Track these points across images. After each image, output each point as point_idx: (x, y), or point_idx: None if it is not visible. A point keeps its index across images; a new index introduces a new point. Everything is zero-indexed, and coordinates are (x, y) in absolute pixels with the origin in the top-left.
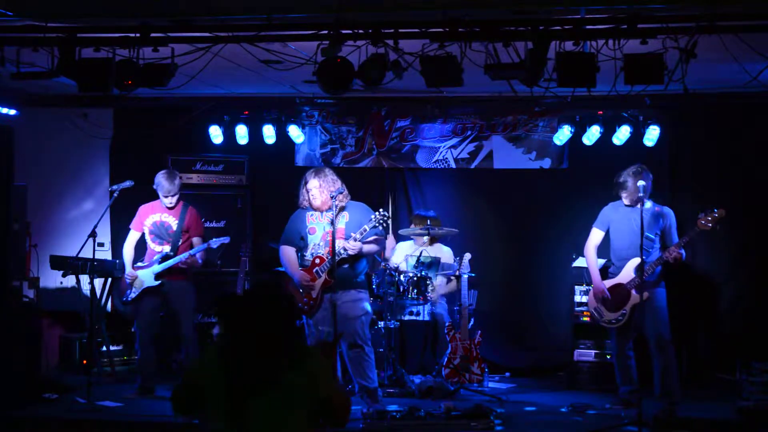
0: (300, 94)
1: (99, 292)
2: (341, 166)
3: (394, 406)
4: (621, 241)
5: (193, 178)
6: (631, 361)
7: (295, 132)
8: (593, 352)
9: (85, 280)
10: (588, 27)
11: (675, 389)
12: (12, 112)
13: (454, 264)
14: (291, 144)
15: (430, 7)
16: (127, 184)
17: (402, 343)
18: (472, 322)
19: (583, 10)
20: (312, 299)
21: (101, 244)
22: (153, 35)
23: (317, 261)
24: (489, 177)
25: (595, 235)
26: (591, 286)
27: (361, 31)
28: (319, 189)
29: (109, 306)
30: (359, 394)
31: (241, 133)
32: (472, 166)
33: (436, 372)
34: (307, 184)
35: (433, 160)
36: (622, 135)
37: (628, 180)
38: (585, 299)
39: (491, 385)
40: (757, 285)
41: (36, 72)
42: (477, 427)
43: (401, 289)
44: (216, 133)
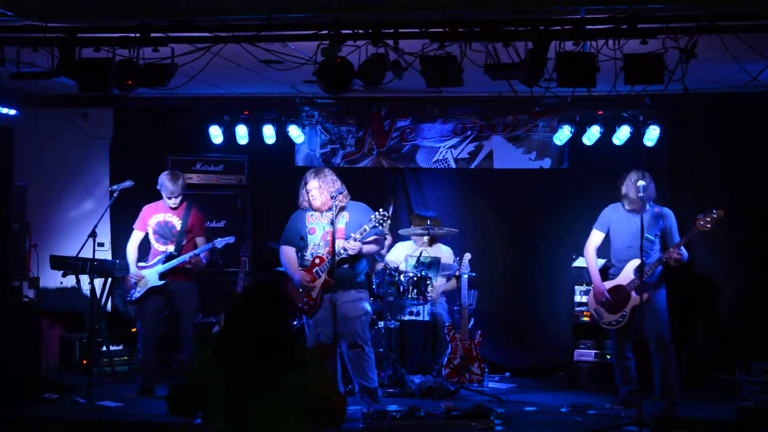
0: (300, 94)
1: (99, 292)
2: (341, 166)
3: (394, 406)
4: (621, 242)
5: (193, 178)
6: (630, 362)
7: (295, 132)
8: (593, 352)
9: (85, 280)
10: (588, 27)
11: (675, 389)
12: (12, 112)
13: (453, 264)
14: (291, 144)
15: (430, 7)
16: (127, 184)
17: (402, 343)
18: (472, 322)
19: (583, 10)
20: (312, 299)
21: (101, 244)
22: (153, 35)
23: (317, 261)
24: (489, 177)
25: (595, 237)
26: (591, 287)
27: (361, 31)
28: (318, 189)
29: (109, 306)
30: (359, 394)
31: (241, 133)
32: (472, 166)
33: (436, 372)
34: (306, 184)
35: (433, 160)
36: (622, 135)
37: (629, 192)
38: (585, 299)
39: (491, 385)
40: (757, 285)
41: (36, 72)
42: (477, 427)
43: (401, 289)
44: (216, 133)
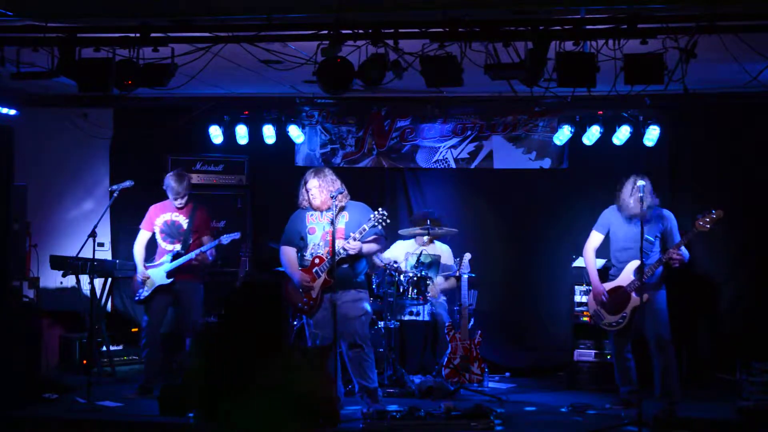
0: (300, 94)
1: (99, 292)
2: (341, 166)
3: (394, 406)
4: (621, 243)
5: (193, 178)
6: (630, 363)
7: (295, 132)
8: (593, 352)
9: (85, 280)
10: (588, 27)
11: (675, 389)
12: (12, 112)
13: (452, 265)
14: (291, 144)
15: (430, 7)
16: (127, 184)
17: (402, 343)
18: (472, 322)
19: (583, 10)
20: (312, 299)
21: (101, 244)
22: (153, 35)
23: (317, 261)
24: (489, 177)
25: (595, 238)
26: (591, 287)
27: (361, 31)
28: (318, 189)
29: (109, 306)
30: (359, 394)
31: (241, 133)
32: (472, 166)
33: (436, 372)
34: (306, 184)
35: (433, 160)
36: (622, 135)
37: (626, 200)
38: (585, 299)
39: (491, 385)
40: (757, 285)
41: (36, 72)
42: (477, 427)
43: (401, 289)
44: (216, 133)
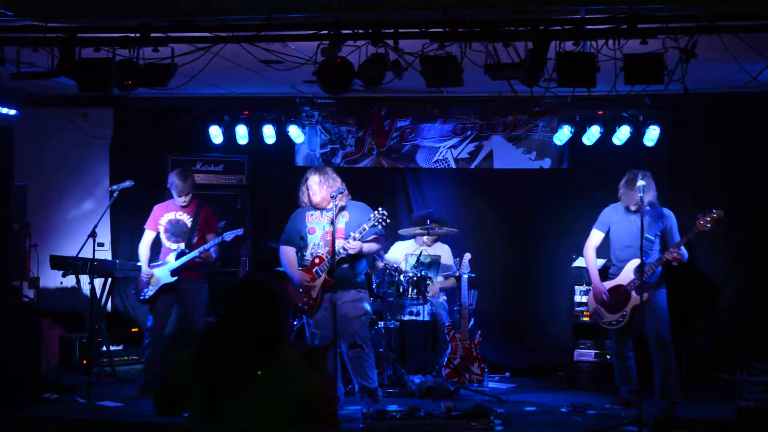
0: (300, 94)
1: (99, 292)
2: (341, 166)
3: (394, 406)
4: (621, 241)
5: None
6: (631, 362)
7: (295, 132)
8: (593, 352)
9: (85, 280)
10: (588, 27)
11: (675, 389)
12: (12, 112)
13: (452, 265)
14: (291, 144)
15: (430, 7)
16: (127, 184)
17: (402, 343)
18: (472, 322)
19: (583, 10)
20: (312, 299)
21: (101, 244)
22: (153, 35)
23: (317, 261)
24: (489, 177)
25: (595, 236)
26: (591, 287)
27: (361, 31)
28: (319, 185)
29: (109, 306)
30: (359, 394)
31: (241, 133)
32: (472, 166)
33: (436, 372)
34: (307, 180)
35: (433, 160)
36: (622, 135)
37: (627, 192)
38: (585, 299)
39: (491, 385)
40: (757, 285)
41: (36, 72)
42: (477, 427)
43: (401, 289)
44: (216, 133)
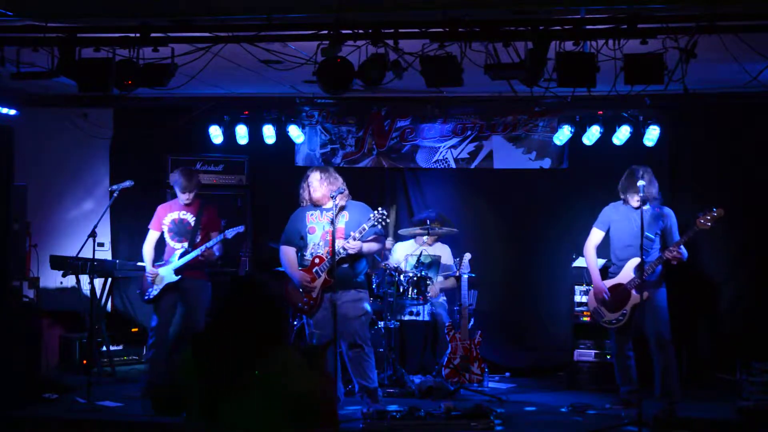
0: (300, 94)
1: (99, 292)
2: (341, 166)
3: (394, 406)
4: (621, 240)
5: None
6: (631, 362)
7: (295, 132)
8: (593, 352)
9: (85, 280)
10: (588, 27)
11: (675, 389)
12: (12, 112)
13: (452, 265)
14: (291, 144)
15: (430, 7)
16: (127, 184)
17: (402, 343)
18: (472, 322)
19: (583, 10)
20: (312, 299)
21: (101, 244)
22: (153, 35)
23: (317, 261)
24: (489, 177)
25: (595, 235)
26: (591, 286)
27: (361, 31)
28: (320, 181)
29: (109, 306)
30: (359, 394)
31: (241, 133)
32: (472, 166)
33: (436, 372)
34: (309, 177)
35: (433, 160)
36: (622, 135)
37: (630, 187)
38: (585, 299)
39: (491, 385)
40: (757, 285)
41: (36, 72)
42: (477, 427)
43: (401, 289)
44: (216, 133)
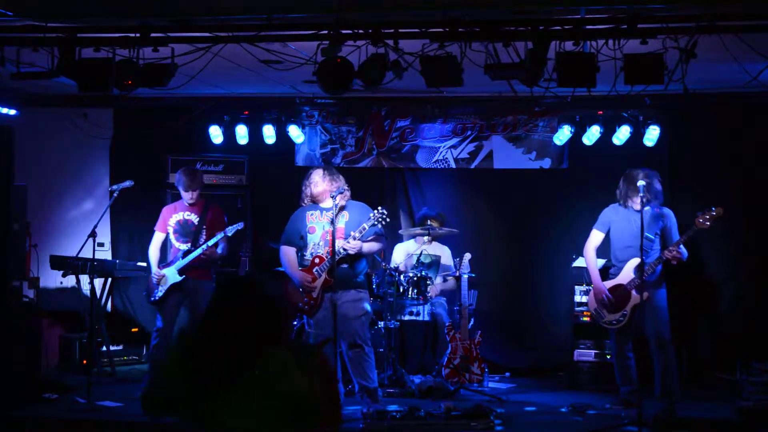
0: (300, 94)
1: (99, 292)
2: (341, 166)
3: (394, 406)
4: (621, 241)
5: None
6: (631, 362)
7: (295, 132)
8: (593, 352)
9: (85, 280)
10: (588, 27)
11: (675, 389)
12: (12, 112)
13: (452, 265)
14: (291, 144)
15: (430, 7)
16: (127, 184)
17: (402, 343)
18: (472, 322)
19: (583, 10)
20: (312, 299)
21: (101, 244)
22: (153, 35)
23: (317, 261)
24: (489, 177)
25: (595, 237)
26: (591, 287)
27: (361, 31)
28: (321, 177)
29: (109, 306)
30: (359, 394)
31: (241, 133)
32: (472, 166)
33: (436, 372)
34: (311, 175)
35: (433, 160)
36: (622, 135)
37: (630, 189)
38: (585, 299)
39: (491, 385)
40: (757, 285)
41: (36, 72)
42: (477, 427)
43: (401, 289)
44: (216, 133)
